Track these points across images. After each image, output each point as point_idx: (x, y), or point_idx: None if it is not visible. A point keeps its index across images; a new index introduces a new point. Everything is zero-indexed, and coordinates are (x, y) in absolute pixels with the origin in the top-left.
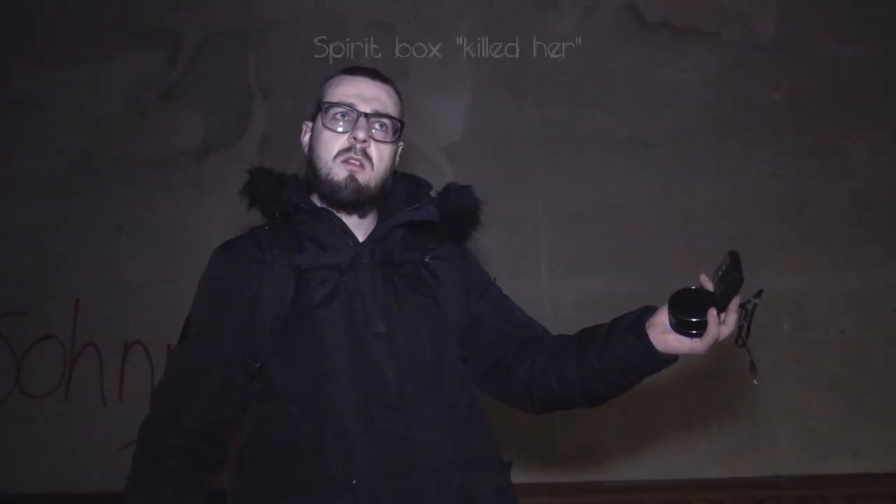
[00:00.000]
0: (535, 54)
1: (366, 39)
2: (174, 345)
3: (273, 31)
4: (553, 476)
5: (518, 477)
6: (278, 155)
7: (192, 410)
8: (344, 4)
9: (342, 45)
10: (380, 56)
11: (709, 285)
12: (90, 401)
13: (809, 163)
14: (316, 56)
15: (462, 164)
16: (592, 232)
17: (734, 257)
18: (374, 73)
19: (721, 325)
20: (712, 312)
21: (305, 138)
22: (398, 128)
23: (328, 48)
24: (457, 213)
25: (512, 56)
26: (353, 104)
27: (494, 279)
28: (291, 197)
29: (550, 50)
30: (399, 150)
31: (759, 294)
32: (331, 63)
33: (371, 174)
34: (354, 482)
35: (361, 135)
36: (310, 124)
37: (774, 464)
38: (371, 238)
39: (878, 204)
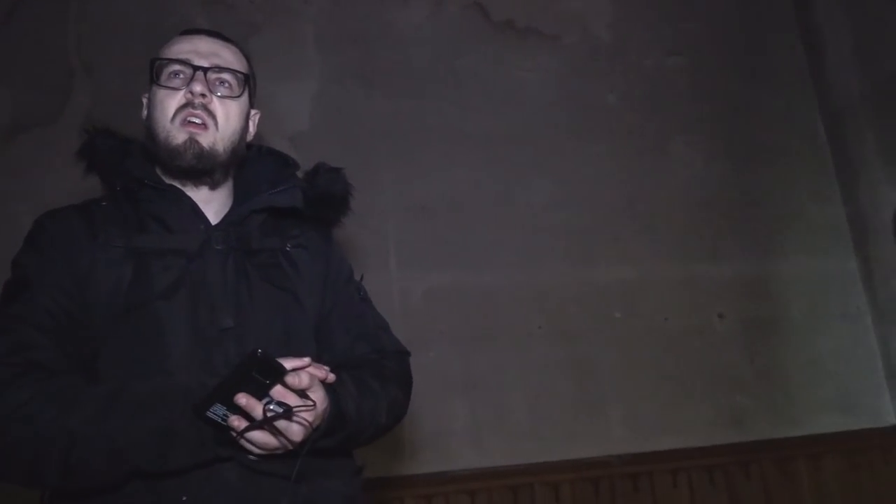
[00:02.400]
0: (383, 46)
1: (205, 18)
2: None
3: (97, 2)
4: (401, 469)
5: (367, 471)
6: None
7: (30, 348)
8: None
9: (178, 23)
10: None
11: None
12: None
13: (639, 163)
14: (147, 32)
15: (309, 154)
16: (440, 225)
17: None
18: (213, 32)
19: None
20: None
21: (145, 112)
22: (243, 82)
23: (161, 24)
24: (325, 197)
25: (361, 45)
26: (187, 59)
27: (361, 277)
28: (133, 170)
29: (399, 42)
30: (254, 116)
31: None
32: (164, 41)
33: (216, 135)
34: (185, 499)
35: (198, 88)
36: (147, 96)
37: (608, 445)
38: (225, 221)
39: (695, 202)
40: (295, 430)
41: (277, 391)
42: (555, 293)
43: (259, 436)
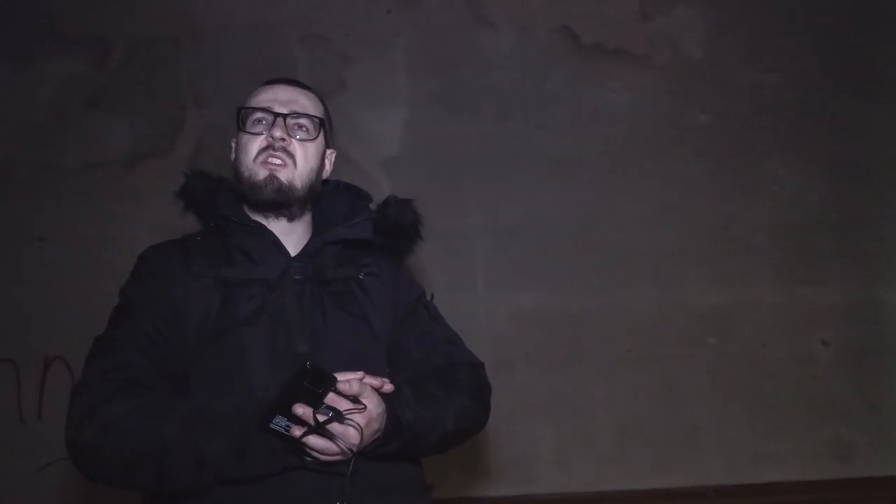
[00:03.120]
0: (471, 71)
1: (302, 51)
2: None
3: (207, 40)
4: (486, 490)
5: (451, 491)
6: (211, 166)
7: (131, 367)
8: (280, 15)
9: (278, 57)
10: (317, 68)
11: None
12: (7, 419)
13: (734, 182)
14: (251, 66)
15: (399, 179)
16: (526, 247)
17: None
18: (292, 81)
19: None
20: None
21: (233, 155)
22: (319, 125)
23: (263, 59)
24: (396, 227)
25: (449, 72)
26: (269, 107)
27: (432, 296)
28: (223, 208)
29: (486, 67)
30: (330, 156)
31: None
32: (266, 74)
33: (295, 172)
34: None
35: (278, 133)
36: (235, 140)
37: (701, 474)
38: (303, 253)
39: (796, 223)
40: (352, 434)
41: (330, 398)
42: (644, 317)
43: (319, 442)
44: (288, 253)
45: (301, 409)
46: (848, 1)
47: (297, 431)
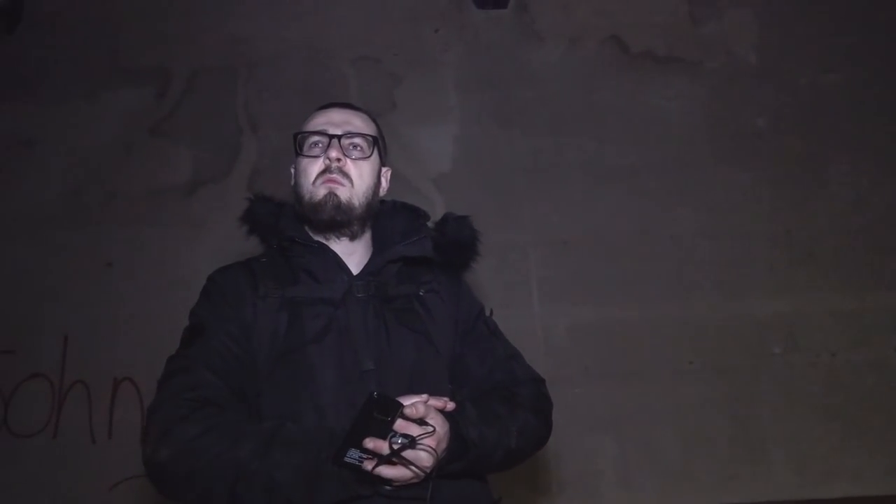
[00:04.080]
0: (521, 85)
1: (353, 73)
2: None
3: (261, 67)
4: None
5: None
6: (268, 188)
7: (204, 387)
8: (331, 39)
9: (330, 79)
10: (368, 89)
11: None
12: (79, 439)
13: (795, 188)
14: (304, 90)
15: (452, 195)
16: (582, 259)
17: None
18: (344, 104)
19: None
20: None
21: (293, 180)
22: (373, 143)
23: (316, 82)
24: (454, 244)
25: (498, 87)
26: (323, 129)
27: (491, 312)
28: (287, 230)
29: (535, 80)
30: (385, 173)
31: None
32: (319, 97)
33: (353, 191)
34: None
35: (334, 153)
36: (294, 166)
37: (771, 489)
38: (365, 271)
39: (862, 226)
40: (424, 457)
41: (399, 425)
42: (706, 328)
43: (394, 469)
44: (350, 272)
45: (372, 443)
46: None
47: (370, 464)
